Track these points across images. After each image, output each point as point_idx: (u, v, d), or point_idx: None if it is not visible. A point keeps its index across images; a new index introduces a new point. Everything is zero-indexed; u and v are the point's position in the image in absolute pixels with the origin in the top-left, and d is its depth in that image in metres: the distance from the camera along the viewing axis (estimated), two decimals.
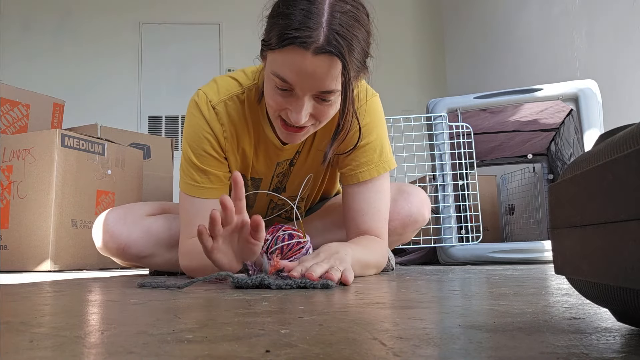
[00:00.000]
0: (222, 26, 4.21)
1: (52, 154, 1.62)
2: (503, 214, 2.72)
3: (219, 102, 0.98)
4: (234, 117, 0.99)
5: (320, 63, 0.77)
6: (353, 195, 1.03)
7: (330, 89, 0.80)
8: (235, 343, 0.30)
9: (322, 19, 0.76)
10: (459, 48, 3.92)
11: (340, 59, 0.77)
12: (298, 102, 0.82)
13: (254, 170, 1.08)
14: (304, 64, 0.77)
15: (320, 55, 0.77)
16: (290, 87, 0.81)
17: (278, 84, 0.82)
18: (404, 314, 0.44)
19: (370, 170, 1.02)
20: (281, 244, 0.92)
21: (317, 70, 0.78)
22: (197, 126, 0.98)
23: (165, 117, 4.10)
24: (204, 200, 0.99)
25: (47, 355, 0.28)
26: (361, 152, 1.02)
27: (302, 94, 0.81)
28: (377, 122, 1.03)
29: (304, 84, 0.80)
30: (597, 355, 0.26)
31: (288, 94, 0.83)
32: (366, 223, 1.02)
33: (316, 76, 0.78)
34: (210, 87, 1.00)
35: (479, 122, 1.98)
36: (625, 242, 0.24)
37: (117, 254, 1.14)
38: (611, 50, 1.97)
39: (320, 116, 0.86)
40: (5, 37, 4.03)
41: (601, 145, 0.29)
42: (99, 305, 0.56)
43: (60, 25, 4.17)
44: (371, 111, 1.03)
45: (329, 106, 0.85)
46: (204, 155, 0.99)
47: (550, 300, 0.55)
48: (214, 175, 1.00)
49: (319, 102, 0.84)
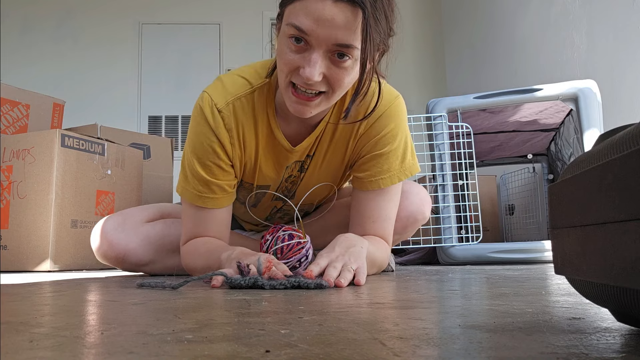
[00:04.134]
0: (222, 26, 4.21)
1: (52, 154, 1.62)
2: (503, 214, 2.72)
3: (225, 105, 0.92)
4: (242, 119, 0.94)
5: (340, 11, 0.73)
6: (366, 201, 0.99)
7: (348, 42, 0.75)
8: (235, 343, 0.30)
9: None
10: (459, 48, 3.92)
11: (363, 9, 0.73)
12: (312, 55, 0.76)
13: (261, 177, 1.02)
14: (323, 10, 0.73)
15: (341, 2, 0.73)
16: (306, 39, 0.76)
17: (294, 35, 0.76)
18: (404, 314, 0.44)
19: (391, 177, 0.98)
20: (281, 244, 0.92)
21: (336, 18, 0.73)
22: (203, 135, 0.93)
23: (165, 117, 4.09)
24: (209, 210, 0.97)
25: (47, 355, 0.28)
26: (383, 158, 0.97)
27: (317, 45, 0.76)
28: (402, 127, 0.98)
29: (320, 32, 0.74)
30: (597, 355, 0.26)
31: (302, 49, 0.77)
32: (374, 229, 1.00)
33: (335, 24, 0.73)
34: (215, 87, 0.94)
35: (479, 122, 1.98)
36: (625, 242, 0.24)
37: (117, 262, 1.13)
38: (611, 50, 1.97)
39: (334, 82, 0.80)
40: (5, 37, 4.03)
41: (601, 145, 0.29)
42: (98, 305, 0.56)
43: (60, 25, 4.17)
44: (395, 115, 0.97)
45: (344, 70, 0.79)
46: (210, 166, 0.94)
47: (550, 300, 0.55)
48: (219, 186, 0.95)
49: (334, 62, 0.78)
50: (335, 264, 0.77)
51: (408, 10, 4.37)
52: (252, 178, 1.03)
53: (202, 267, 0.91)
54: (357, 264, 0.79)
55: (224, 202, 0.98)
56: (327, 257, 0.79)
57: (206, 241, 0.97)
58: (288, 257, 0.90)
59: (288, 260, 0.90)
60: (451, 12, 4.09)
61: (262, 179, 1.03)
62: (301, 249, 0.92)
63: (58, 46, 4.14)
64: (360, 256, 0.81)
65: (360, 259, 0.80)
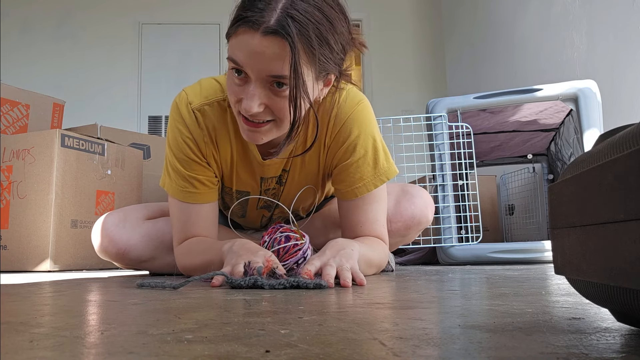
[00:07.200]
0: (222, 26, 4.21)
1: (52, 154, 1.62)
2: (503, 214, 2.72)
3: (199, 106, 0.96)
4: (215, 122, 0.96)
5: (269, 44, 0.75)
6: (349, 208, 1.01)
7: (281, 73, 0.77)
8: (235, 343, 0.30)
9: (278, 4, 0.75)
10: (459, 48, 3.92)
11: (289, 42, 0.75)
12: (250, 88, 0.79)
13: (239, 182, 1.04)
14: (252, 44, 0.76)
15: (269, 36, 0.75)
16: (244, 71, 0.79)
17: (233, 67, 0.80)
18: (403, 314, 0.44)
19: (366, 185, 0.98)
20: (278, 247, 0.92)
21: (267, 51, 0.76)
22: (177, 131, 0.97)
23: (165, 117, 4.10)
24: (194, 205, 0.99)
25: (47, 355, 0.28)
26: (354, 168, 0.97)
27: (253, 77, 0.79)
28: (367, 133, 0.98)
29: (253, 65, 0.77)
30: (597, 355, 0.26)
31: (243, 81, 0.80)
32: (364, 232, 1.01)
33: (265, 57, 0.76)
34: (193, 88, 0.98)
35: (478, 122, 1.98)
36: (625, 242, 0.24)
37: (117, 258, 1.14)
38: (611, 50, 1.97)
39: (277, 110, 0.82)
40: (5, 37, 4.03)
41: (601, 145, 0.29)
42: (98, 305, 0.56)
43: (60, 25, 4.17)
44: (359, 121, 0.97)
45: (285, 98, 0.80)
46: (186, 161, 0.97)
47: (550, 300, 0.55)
48: (199, 181, 0.98)
49: (274, 92, 0.80)
50: (330, 263, 0.77)
51: (408, 10, 4.38)
52: (231, 182, 1.05)
53: (202, 264, 0.92)
54: (349, 264, 0.79)
55: (207, 198, 1.00)
56: (320, 260, 0.79)
57: (200, 240, 0.99)
58: (284, 260, 0.90)
59: (285, 262, 0.90)
60: (451, 12, 4.09)
61: (241, 184, 1.05)
62: (298, 250, 0.91)
63: (58, 46, 4.14)
64: (352, 257, 0.82)
65: (351, 259, 0.81)
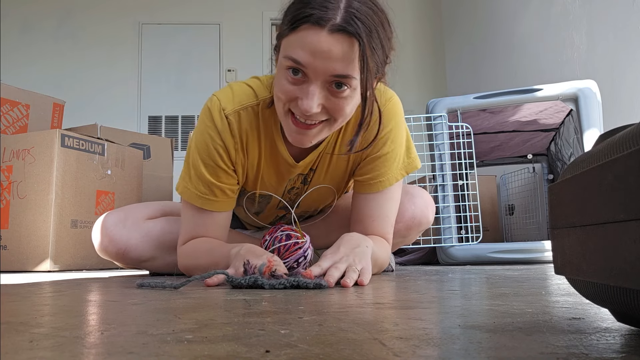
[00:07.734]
0: (222, 26, 4.21)
1: (52, 154, 1.62)
2: (503, 214, 2.72)
3: (232, 112, 0.93)
4: (247, 128, 0.94)
5: (336, 42, 0.73)
6: (366, 201, 1.00)
7: (346, 73, 0.75)
8: (235, 343, 0.30)
9: (340, 2, 0.74)
10: (459, 48, 3.92)
11: (359, 39, 0.73)
12: (310, 87, 0.76)
13: (263, 186, 1.03)
14: (319, 43, 0.73)
15: (337, 34, 0.73)
16: (303, 71, 0.76)
17: (291, 67, 0.76)
18: (404, 314, 0.44)
19: (389, 179, 0.99)
20: (278, 245, 0.92)
21: (333, 49, 0.73)
22: (209, 137, 0.94)
23: (165, 117, 4.09)
24: (210, 212, 0.97)
25: (47, 355, 0.28)
26: (381, 161, 0.98)
27: (314, 77, 0.76)
28: (399, 128, 0.99)
29: (317, 65, 0.74)
30: (597, 355, 0.26)
31: (300, 81, 0.77)
32: (374, 228, 1.00)
33: (331, 56, 0.73)
34: (225, 94, 0.95)
35: (478, 122, 1.98)
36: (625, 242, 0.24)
37: (117, 257, 1.13)
38: (611, 50, 1.97)
39: (334, 111, 0.80)
40: (5, 37, 4.03)
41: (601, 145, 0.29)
42: (98, 306, 0.56)
43: (60, 25, 4.17)
44: (391, 116, 0.97)
45: (343, 99, 0.79)
46: (213, 167, 0.94)
47: (550, 300, 0.55)
48: (221, 190, 0.96)
49: (332, 93, 0.78)
50: (338, 265, 0.77)
51: (408, 10, 4.38)
52: (255, 187, 1.03)
53: (207, 265, 0.91)
54: (361, 264, 0.79)
55: (224, 207, 0.98)
56: (331, 259, 0.79)
57: (205, 240, 0.98)
58: (285, 258, 0.90)
59: (285, 260, 0.90)
60: (451, 12, 4.09)
61: (264, 189, 1.04)
62: (298, 249, 0.92)
63: (58, 46, 4.14)
64: (365, 256, 0.82)
65: (365, 259, 0.81)
